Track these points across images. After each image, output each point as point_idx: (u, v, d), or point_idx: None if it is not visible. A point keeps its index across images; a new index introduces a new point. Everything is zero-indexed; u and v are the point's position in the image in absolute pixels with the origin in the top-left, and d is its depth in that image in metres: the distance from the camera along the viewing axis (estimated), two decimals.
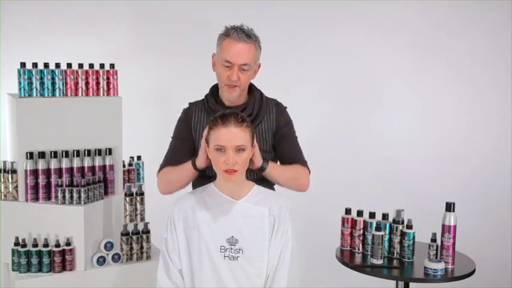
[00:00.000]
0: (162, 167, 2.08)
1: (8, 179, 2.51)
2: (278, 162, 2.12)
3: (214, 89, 2.13)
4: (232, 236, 1.83)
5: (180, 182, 2.02)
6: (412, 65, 3.68)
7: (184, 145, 2.09)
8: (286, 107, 2.18)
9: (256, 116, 2.08)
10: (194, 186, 2.15)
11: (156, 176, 2.09)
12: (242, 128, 1.78)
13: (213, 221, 1.84)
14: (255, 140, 1.88)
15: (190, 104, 2.17)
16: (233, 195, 1.86)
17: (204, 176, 2.06)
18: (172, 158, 2.07)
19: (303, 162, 2.11)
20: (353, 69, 3.69)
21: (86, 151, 2.58)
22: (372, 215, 2.61)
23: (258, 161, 1.93)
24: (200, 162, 1.93)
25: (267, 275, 1.84)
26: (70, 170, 2.54)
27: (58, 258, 2.41)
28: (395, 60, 3.67)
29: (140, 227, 2.61)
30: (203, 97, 2.15)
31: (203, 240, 1.82)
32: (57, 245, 2.42)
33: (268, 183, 2.11)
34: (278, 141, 2.10)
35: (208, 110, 2.08)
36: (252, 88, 2.13)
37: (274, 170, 2.00)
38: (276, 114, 2.11)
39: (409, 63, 3.67)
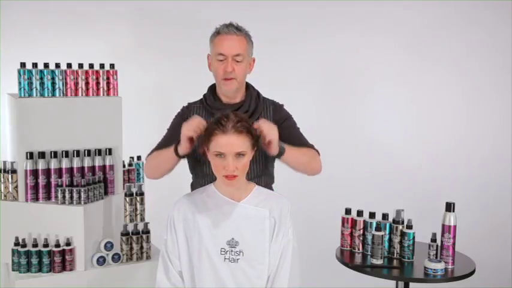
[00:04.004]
0: (150, 152, 2.11)
1: (8, 179, 2.50)
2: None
3: (212, 88, 2.18)
4: (233, 238, 1.82)
5: (163, 166, 2.03)
6: (411, 65, 3.67)
7: (177, 136, 2.05)
8: (282, 105, 2.20)
9: (252, 113, 2.10)
10: (192, 187, 2.15)
11: (145, 160, 2.13)
12: (241, 135, 1.75)
13: (213, 223, 1.82)
14: (274, 131, 1.87)
15: (189, 103, 2.20)
16: (233, 197, 1.85)
17: (199, 176, 2.07)
18: (162, 145, 2.09)
19: (312, 146, 2.15)
20: (352, 68, 3.68)
21: (86, 151, 2.58)
22: (372, 215, 2.61)
23: (275, 150, 1.91)
24: (181, 149, 1.92)
25: (268, 277, 1.84)
26: (70, 170, 2.54)
27: (58, 258, 2.41)
28: (395, 60, 3.67)
29: (140, 227, 2.61)
30: (201, 97, 2.18)
31: (203, 243, 1.81)
32: (57, 245, 2.42)
33: (267, 181, 2.12)
34: (283, 134, 2.03)
35: (207, 108, 2.12)
36: (248, 87, 2.17)
37: (290, 155, 1.99)
38: (272, 112, 2.14)
39: (409, 63, 3.67)
